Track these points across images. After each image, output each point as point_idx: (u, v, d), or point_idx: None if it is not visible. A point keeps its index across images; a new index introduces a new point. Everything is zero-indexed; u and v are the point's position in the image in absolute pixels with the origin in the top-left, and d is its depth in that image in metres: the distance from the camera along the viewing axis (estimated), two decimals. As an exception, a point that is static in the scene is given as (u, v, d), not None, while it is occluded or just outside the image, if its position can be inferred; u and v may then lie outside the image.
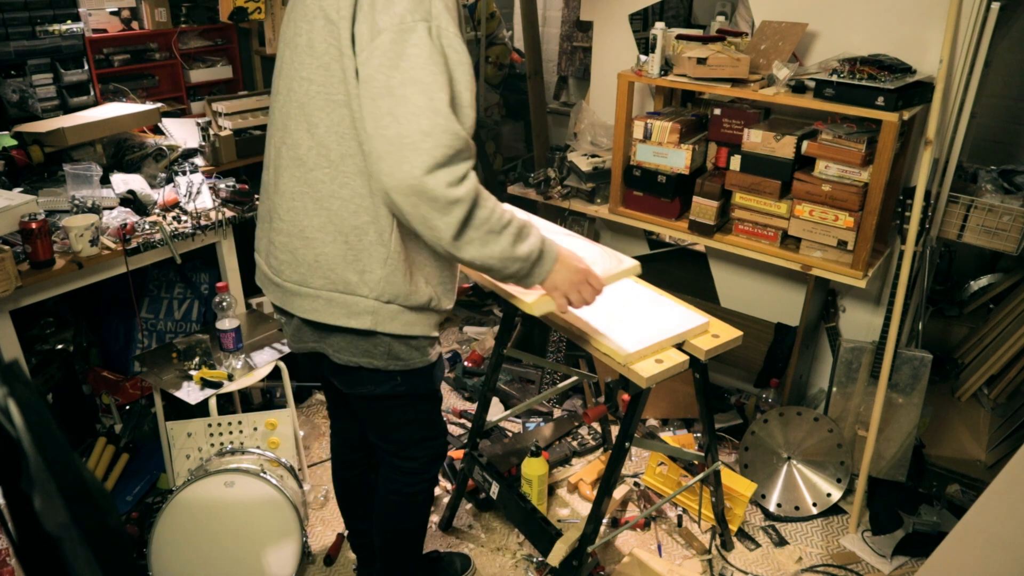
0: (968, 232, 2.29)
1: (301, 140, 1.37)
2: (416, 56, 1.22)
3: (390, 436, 1.68)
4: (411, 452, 1.69)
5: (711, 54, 2.29)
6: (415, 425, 1.66)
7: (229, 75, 3.36)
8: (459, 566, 2.19)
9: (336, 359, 1.50)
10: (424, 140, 1.21)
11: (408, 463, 1.71)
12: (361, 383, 1.54)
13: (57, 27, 2.68)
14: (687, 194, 2.52)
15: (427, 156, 1.21)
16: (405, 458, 1.70)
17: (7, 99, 2.60)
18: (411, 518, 1.80)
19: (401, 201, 1.25)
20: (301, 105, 1.36)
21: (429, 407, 1.68)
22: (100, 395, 2.65)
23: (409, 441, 1.68)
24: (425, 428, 1.69)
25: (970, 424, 2.70)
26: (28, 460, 0.51)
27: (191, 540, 1.99)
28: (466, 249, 1.30)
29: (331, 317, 1.43)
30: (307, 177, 1.38)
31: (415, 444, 1.69)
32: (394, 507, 1.77)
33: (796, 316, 2.61)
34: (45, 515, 0.51)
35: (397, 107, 1.21)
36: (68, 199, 2.36)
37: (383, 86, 1.22)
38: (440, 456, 1.76)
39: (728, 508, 2.29)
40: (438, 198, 1.23)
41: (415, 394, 1.59)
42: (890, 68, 2.07)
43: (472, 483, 2.32)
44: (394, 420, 1.63)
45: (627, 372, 1.64)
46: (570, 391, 3.01)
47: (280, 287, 1.49)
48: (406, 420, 1.64)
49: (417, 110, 1.21)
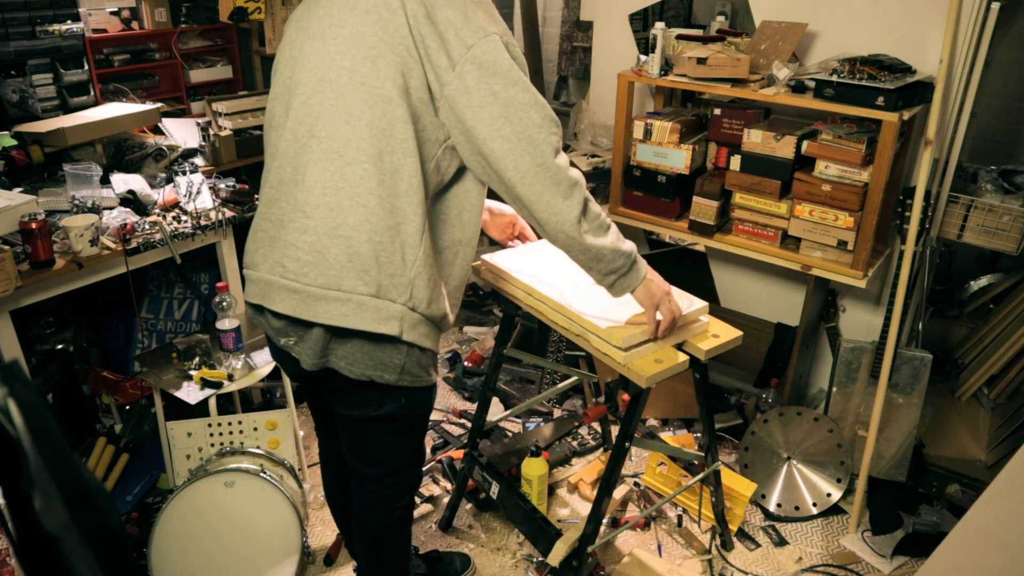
0: (968, 232, 2.29)
1: (338, 132, 1.33)
2: (505, 61, 1.32)
3: (376, 460, 1.62)
4: (392, 478, 1.66)
5: (711, 54, 2.29)
6: (403, 451, 1.63)
7: (229, 75, 3.36)
8: (459, 565, 2.18)
9: (348, 373, 1.42)
10: (538, 131, 1.33)
11: (385, 490, 1.66)
12: (365, 404, 1.49)
13: (57, 27, 2.68)
14: (687, 194, 2.52)
15: (545, 145, 1.33)
16: (384, 484, 1.66)
17: (7, 99, 2.60)
18: (391, 543, 1.77)
19: (528, 192, 1.34)
20: (339, 96, 1.32)
21: (421, 432, 1.67)
22: (100, 395, 2.65)
23: (394, 466, 1.64)
24: (411, 454, 1.67)
25: (970, 424, 2.70)
26: (28, 460, 0.51)
27: (191, 540, 1.99)
28: (586, 235, 1.39)
29: (360, 322, 1.36)
30: (344, 172, 1.33)
31: (399, 470, 1.65)
32: (373, 535, 1.74)
33: (796, 316, 2.61)
34: (45, 515, 0.51)
35: (507, 109, 1.31)
36: (68, 199, 2.36)
37: (487, 93, 1.30)
38: (415, 485, 1.73)
39: (728, 508, 2.29)
40: (561, 181, 1.35)
41: (413, 416, 1.57)
42: (890, 68, 2.07)
43: (472, 483, 2.32)
44: (385, 444, 1.59)
45: (627, 372, 1.64)
46: (570, 391, 3.01)
47: (299, 293, 1.38)
48: (396, 444, 1.60)
49: (525, 107, 1.32)
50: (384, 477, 1.65)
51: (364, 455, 1.62)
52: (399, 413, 1.51)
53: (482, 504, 2.45)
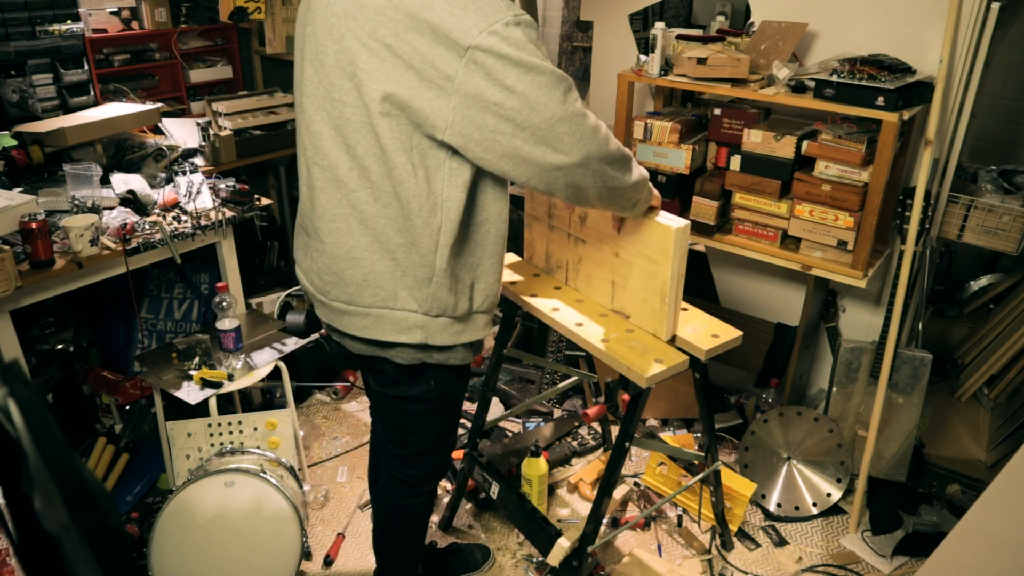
0: (968, 232, 2.29)
1: (339, 161, 1.35)
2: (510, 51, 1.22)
3: (405, 440, 1.67)
4: (417, 460, 1.69)
5: (711, 54, 2.29)
6: (431, 432, 1.66)
7: (229, 75, 3.36)
8: (479, 557, 2.21)
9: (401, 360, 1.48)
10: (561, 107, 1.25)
11: (412, 472, 1.70)
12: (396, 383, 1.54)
13: (57, 27, 2.68)
14: (687, 194, 2.52)
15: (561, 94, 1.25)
16: (410, 464, 1.70)
17: (7, 99, 2.60)
18: (406, 531, 1.80)
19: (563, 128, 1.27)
20: (336, 127, 1.34)
21: (449, 415, 1.69)
22: (100, 395, 2.65)
23: (421, 448, 1.67)
24: (439, 437, 1.69)
25: (970, 424, 2.70)
26: (28, 460, 0.51)
27: (191, 540, 1.99)
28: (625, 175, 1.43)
29: (381, 333, 1.43)
30: (350, 199, 1.36)
31: (425, 452, 1.68)
32: (390, 518, 1.77)
33: (796, 316, 2.61)
34: (45, 515, 0.51)
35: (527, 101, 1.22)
36: (68, 199, 2.36)
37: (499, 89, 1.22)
38: (442, 471, 1.77)
39: (728, 508, 2.29)
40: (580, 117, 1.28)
41: (443, 398, 1.59)
42: (890, 68, 2.06)
43: (472, 483, 2.32)
44: (414, 424, 1.63)
45: (627, 372, 1.64)
46: (570, 391, 3.01)
47: (327, 306, 1.49)
48: (424, 426, 1.64)
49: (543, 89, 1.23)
50: (411, 458, 1.69)
51: (393, 434, 1.68)
52: (428, 395, 1.55)
53: (482, 504, 2.45)
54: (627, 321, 1.80)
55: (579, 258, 1.91)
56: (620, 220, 1.69)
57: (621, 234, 1.73)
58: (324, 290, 1.48)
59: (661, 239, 1.63)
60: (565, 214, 1.90)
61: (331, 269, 1.43)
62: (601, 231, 1.80)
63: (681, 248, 1.63)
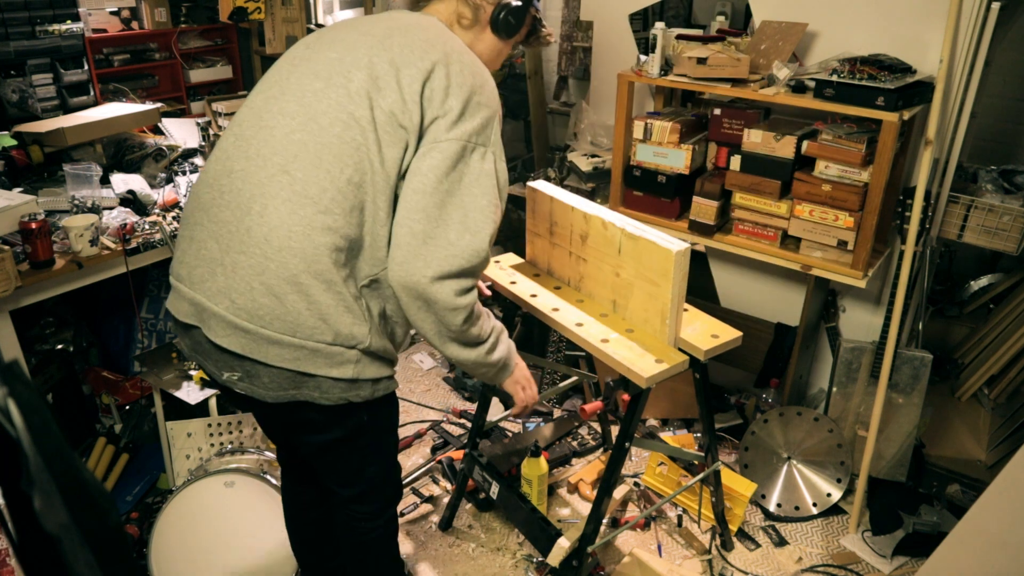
0: (968, 232, 2.29)
1: (316, 178, 1.29)
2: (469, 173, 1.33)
3: (353, 479, 1.58)
4: (372, 495, 1.62)
5: (711, 54, 2.29)
6: (377, 466, 1.59)
7: (229, 75, 3.36)
8: None
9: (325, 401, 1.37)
10: (446, 248, 1.30)
11: (366, 507, 1.63)
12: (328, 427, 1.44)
13: (57, 27, 2.68)
14: (687, 194, 2.52)
15: (443, 264, 1.30)
16: (365, 501, 1.62)
17: (7, 99, 2.60)
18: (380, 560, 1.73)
19: (401, 294, 1.33)
20: (326, 145, 1.30)
21: (390, 444, 1.62)
22: (100, 395, 2.65)
23: (372, 482, 1.60)
24: (386, 468, 1.63)
25: (970, 424, 2.70)
26: (28, 460, 0.51)
27: (191, 540, 1.99)
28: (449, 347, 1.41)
29: (313, 367, 1.32)
30: (314, 220, 1.28)
31: (377, 486, 1.62)
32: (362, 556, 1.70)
33: (796, 316, 2.61)
34: (45, 515, 0.51)
35: (433, 209, 1.29)
36: (68, 199, 2.36)
37: (430, 185, 1.29)
38: (395, 499, 1.69)
39: (728, 508, 2.29)
40: (437, 302, 1.32)
41: (378, 428, 1.53)
42: (890, 68, 2.06)
43: (472, 483, 2.32)
44: (358, 461, 1.55)
45: (627, 372, 1.64)
46: (570, 391, 3.01)
47: (250, 333, 1.30)
48: (368, 460, 1.56)
49: (449, 220, 1.30)
50: (364, 495, 1.61)
51: (340, 476, 1.58)
52: (365, 427, 1.48)
53: (482, 504, 2.45)
54: (627, 321, 1.80)
55: (581, 276, 1.92)
56: None
57: (622, 255, 1.74)
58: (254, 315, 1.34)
59: (662, 262, 1.64)
60: (566, 232, 1.90)
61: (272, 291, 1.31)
62: (602, 251, 1.81)
63: (681, 271, 1.64)
